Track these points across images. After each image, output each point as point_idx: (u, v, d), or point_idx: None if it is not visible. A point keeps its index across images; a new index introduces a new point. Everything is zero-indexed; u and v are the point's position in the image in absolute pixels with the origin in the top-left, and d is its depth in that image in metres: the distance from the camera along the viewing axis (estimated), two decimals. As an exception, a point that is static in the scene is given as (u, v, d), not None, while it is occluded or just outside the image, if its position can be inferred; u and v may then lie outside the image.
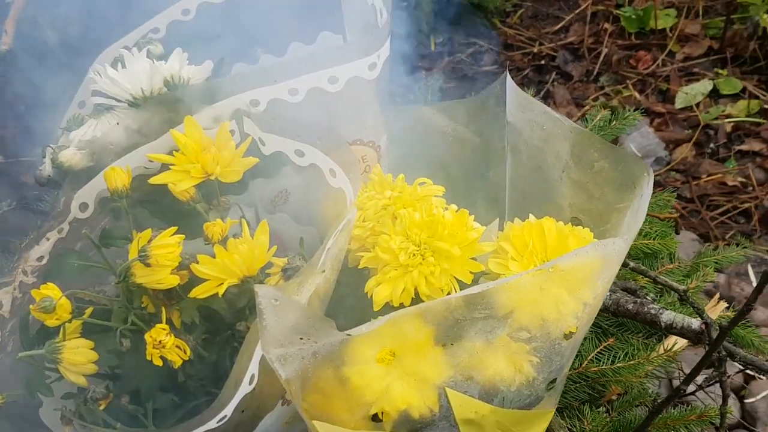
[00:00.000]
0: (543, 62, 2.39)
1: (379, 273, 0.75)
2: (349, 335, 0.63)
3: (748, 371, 1.15)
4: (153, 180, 0.73)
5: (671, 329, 0.81)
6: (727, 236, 1.86)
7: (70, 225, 0.73)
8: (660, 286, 1.01)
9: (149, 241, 0.68)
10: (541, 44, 2.39)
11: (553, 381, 0.73)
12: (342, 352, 0.67)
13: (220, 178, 0.74)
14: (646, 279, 1.02)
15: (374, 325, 0.63)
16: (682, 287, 0.88)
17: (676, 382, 1.25)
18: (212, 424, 0.65)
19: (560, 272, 0.65)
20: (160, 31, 0.89)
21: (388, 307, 0.75)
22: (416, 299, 0.74)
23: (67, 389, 0.74)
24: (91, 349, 0.70)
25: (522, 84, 2.24)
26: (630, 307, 0.85)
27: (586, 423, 0.95)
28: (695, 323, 0.78)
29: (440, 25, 2.38)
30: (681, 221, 1.76)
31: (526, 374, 0.71)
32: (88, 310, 0.70)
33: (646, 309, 0.83)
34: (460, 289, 0.73)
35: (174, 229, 0.69)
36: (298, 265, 0.73)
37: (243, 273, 0.69)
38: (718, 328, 0.75)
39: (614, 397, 1.06)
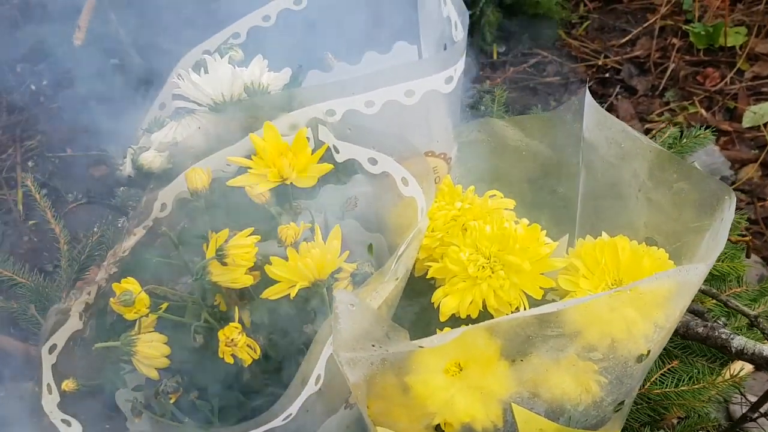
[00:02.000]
0: (607, 75, 2.36)
1: (447, 284, 0.76)
2: (421, 346, 0.64)
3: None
4: (231, 182, 0.75)
5: (742, 355, 0.80)
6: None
7: (153, 222, 0.75)
8: (726, 309, 0.99)
9: (226, 240, 0.70)
10: (606, 57, 2.37)
11: (621, 403, 0.72)
12: (408, 361, 0.68)
13: (295, 183, 0.75)
14: (713, 302, 1.00)
15: (447, 337, 0.64)
16: (752, 312, 0.87)
17: (734, 407, 1.22)
18: (278, 422, 0.66)
19: (636, 294, 0.65)
20: (241, 36, 0.91)
21: (454, 319, 0.76)
22: (483, 312, 0.74)
23: (138, 382, 0.76)
24: (164, 343, 0.72)
25: (585, 97, 2.22)
26: (700, 330, 0.84)
27: (645, 445, 0.94)
28: (767, 350, 0.77)
29: (504, 34, 2.38)
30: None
31: (592, 394, 0.71)
32: (164, 305, 0.72)
33: (717, 333, 0.82)
34: (529, 304, 0.74)
35: (250, 229, 0.71)
36: (367, 271, 0.74)
37: (314, 276, 0.70)
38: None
39: (674, 421, 1.04)
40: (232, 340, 0.69)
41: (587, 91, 0.80)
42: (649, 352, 0.70)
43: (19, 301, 1.10)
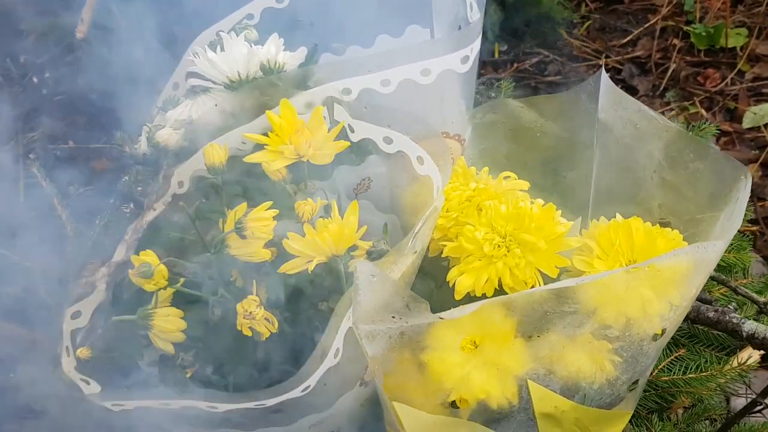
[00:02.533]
0: (608, 75, 2.36)
1: (462, 263, 0.76)
2: (441, 318, 0.64)
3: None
4: (248, 158, 0.75)
5: (752, 339, 0.80)
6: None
7: (172, 198, 0.75)
8: (733, 298, 1.00)
9: (245, 214, 0.70)
10: (607, 57, 2.38)
11: (636, 382, 0.73)
12: (425, 337, 0.68)
13: (312, 160, 0.75)
14: (721, 291, 1.01)
15: (466, 310, 0.64)
16: (762, 299, 0.87)
17: (739, 401, 1.23)
18: (297, 392, 0.66)
19: (653, 272, 0.65)
20: (254, 17, 0.92)
21: (469, 297, 0.76)
22: (499, 290, 0.75)
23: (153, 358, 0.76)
24: (181, 318, 0.72)
25: (586, 96, 2.23)
26: (711, 315, 0.84)
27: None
28: (777, 334, 0.78)
29: (506, 33, 2.38)
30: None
31: (607, 373, 0.71)
32: (181, 280, 0.72)
33: (727, 318, 0.83)
34: (544, 283, 0.74)
35: (269, 203, 0.71)
36: (383, 248, 0.74)
37: (332, 251, 0.71)
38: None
39: (680, 410, 1.05)
40: (250, 313, 0.69)
41: (603, 71, 0.80)
42: (664, 331, 0.71)
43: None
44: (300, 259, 0.71)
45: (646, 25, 2.45)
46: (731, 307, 0.84)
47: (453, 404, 0.72)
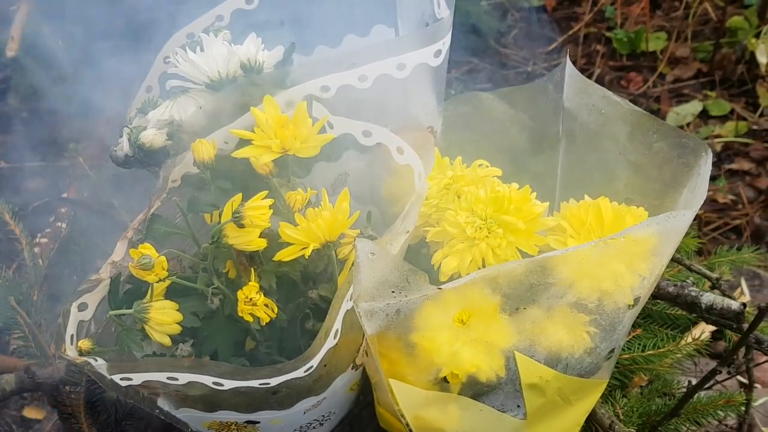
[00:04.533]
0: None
1: (446, 246, 0.79)
2: (441, 289, 0.67)
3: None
4: (236, 153, 0.77)
5: (711, 310, 0.86)
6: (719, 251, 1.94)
7: (167, 194, 0.76)
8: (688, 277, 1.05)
9: (241, 204, 0.72)
10: (534, 64, 2.46)
11: (612, 351, 0.77)
12: (417, 316, 0.71)
13: (298, 154, 0.78)
14: (674, 271, 1.07)
15: (462, 281, 0.68)
16: (714, 275, 0.93)
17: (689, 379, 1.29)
18: (300, 372, 0.68)
19: (626, 244, 0.70)
20: (224, 18, 0.94)
21: (453, 279, 0.79)
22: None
23: (147, 352, 0.77)
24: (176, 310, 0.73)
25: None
26: (671, 290, 0.90)
27: (617, 407, 1.00)
28: (735, 304, 0.84)
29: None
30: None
31: (585, 343, 0.76)
32: (176, 273, 0.74)
33: (686, 291, 0.88)
34: (525, 261, 0.78)
35: (265, 192, 0.73)
36: (371, 234, 0.77)
37: (325, 238, 0.73)
38: (757, 309, 0.81)
39: (637, 387, 1.10)
40: (251, 299, 0.71)
41: (568, 60, 0.85)
42: (637, 300, 0.76)
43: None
44: (295, 247, 0.74)
45: (570, 32, 2.54)
46: (689, 281, 0.90)
47: (444, 380, 0.75)
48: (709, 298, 0.86)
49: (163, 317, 0.73)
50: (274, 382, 0.67)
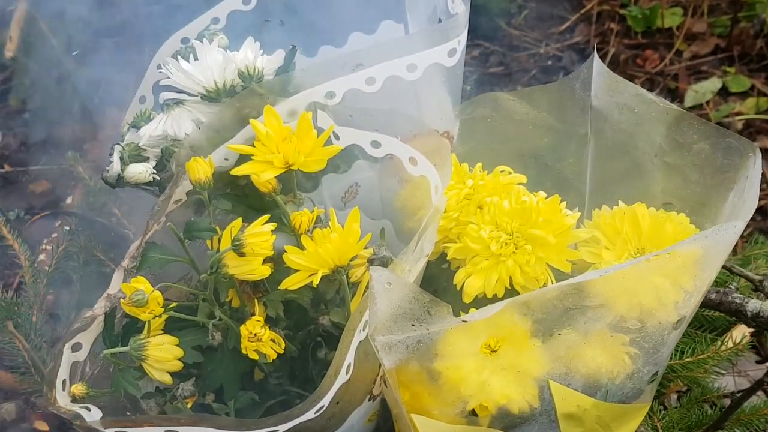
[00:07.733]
0: (550, 63, 2.37)
1: (469, 264, 0.73)
2: (465, 321, 0.61)
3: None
4: (235, 171, 0.71)
5: (758, 318, 0.80)
6: (745, 234, 1.87)
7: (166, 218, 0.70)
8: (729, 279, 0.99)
9: (241, 230, 0.66)
10: (547, 45, 2.38)
11: (656, 373, 0.71)
12: (441, 345, 0.65)
13: (303, 168, 0.71)
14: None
15: (489, 311, 0.61)
16: (757, 277, 0.87)
17: (723, 380, 1.23)
18: (310, 414, 0.62)
19: (668, 260, 0.63)
20: (221, 20, 0.87)
21: (478, 300, 0.73)
22: (510, 290, 0.72)
23: (148, 389, 0.71)
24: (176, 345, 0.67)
25: (529, 85, 2.23)
26: (713, 296, 0.83)
27: (656, 420, 0.93)
28: (784, 311, 0.77)
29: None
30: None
31: (625, 366, 0.69)
32: (172, 305, 0.67)
33: (730, 298, 0.82)
34: (556, 279, 0.71)
35: (266, 217, 0.67)
36: (385, 255, 0.70)
37: (335, 263, 0.67)
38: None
39: (674, 395, 1.04)
40: (255, 335, 0.64)
41: (596, 55, 0.78)
42: (682, 319, 0.69)
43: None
44: (302, 273, 0.67)
45: (582, 11, 2.46)
46: (732, 287, 0.83)
47: (472, 412, 0.69)
48: (755, 305, 0.80)
49: (163, 354, 0.66)
50: (282, 429, 0.61)
